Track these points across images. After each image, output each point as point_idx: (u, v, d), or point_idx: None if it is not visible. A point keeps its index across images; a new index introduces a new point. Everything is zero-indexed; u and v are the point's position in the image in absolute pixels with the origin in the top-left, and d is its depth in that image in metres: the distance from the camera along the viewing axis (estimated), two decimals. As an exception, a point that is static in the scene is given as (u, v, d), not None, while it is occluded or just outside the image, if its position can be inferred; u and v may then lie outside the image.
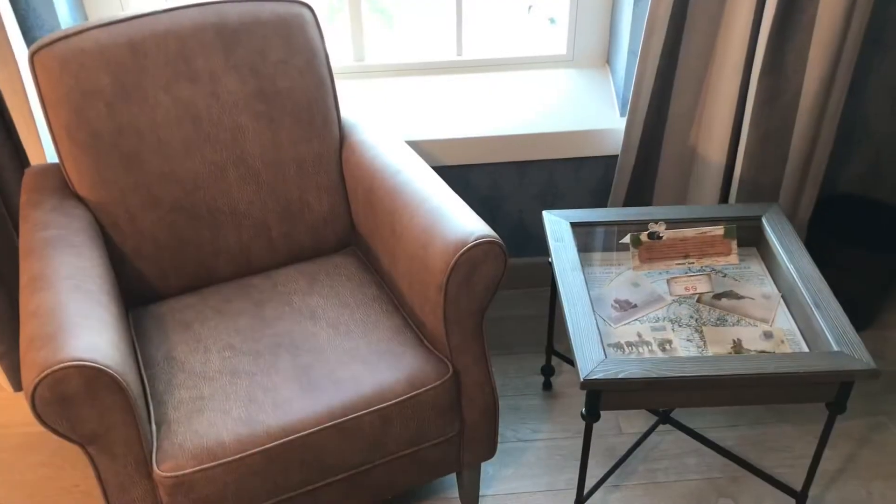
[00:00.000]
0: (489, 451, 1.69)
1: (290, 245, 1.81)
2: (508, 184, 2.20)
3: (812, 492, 1.82)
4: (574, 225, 1.80)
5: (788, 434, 1.95)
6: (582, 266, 1.77)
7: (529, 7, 2.32)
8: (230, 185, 1.72)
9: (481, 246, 1.47)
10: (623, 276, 1.75)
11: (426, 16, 2.36)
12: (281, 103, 1.72)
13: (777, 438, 1.94)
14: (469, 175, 2.16)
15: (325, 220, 1.83)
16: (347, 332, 1.61)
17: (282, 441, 1.41)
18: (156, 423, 1.43)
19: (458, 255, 1.46)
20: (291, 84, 1.73)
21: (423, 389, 1.50)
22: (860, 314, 2.21)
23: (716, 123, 1.95)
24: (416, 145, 2.04)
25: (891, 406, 2.01)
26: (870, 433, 1.95)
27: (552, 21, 2.31)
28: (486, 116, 2.11)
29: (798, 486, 1.81)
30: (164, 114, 1.64)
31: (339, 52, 2.22)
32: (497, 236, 1.49)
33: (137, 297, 1.73)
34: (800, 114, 1.89)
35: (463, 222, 1.51)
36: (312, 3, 2.10)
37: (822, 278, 1.62)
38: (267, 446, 1.40)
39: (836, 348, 1.47)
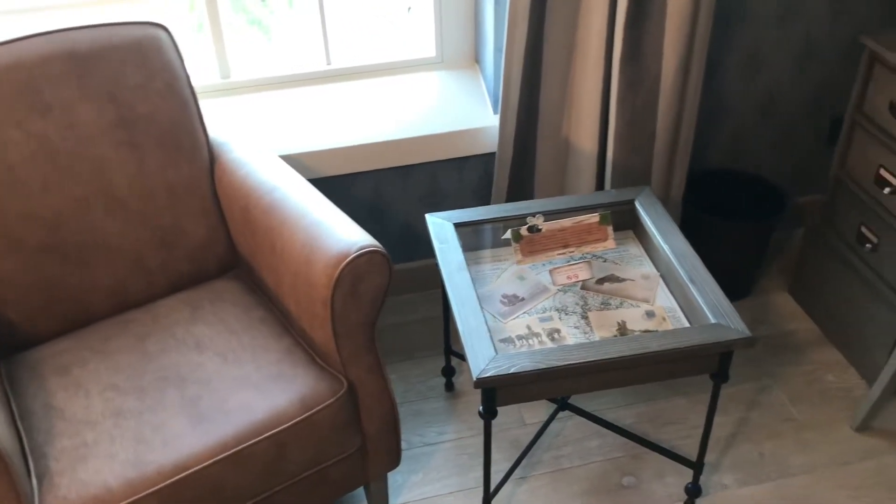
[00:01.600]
0: (394, 461, 1.68)
1: (169, 274, 1.75)
2: (392, 189, 2.19)
3: (708, 459, 1.89)
4: (458, 225, 1.81)
5: (682, 406, 2.02)
6: (469, 265, 1.79)
7: (409, 8, 2.32)
8: (97, 220, 1.64)
9: (364, 256, 1.46)
10: (509, 272, 1.77)
11: (303, 26, 2.32)
12: (143, 129, 1.66)
13: (672, 412, 2.00)
14: (351, 184, 2.15)
15: (204, 244, 1.77)
16: (236, 359, 1.56)
17: (175, 479, 1.36)
18: (37, 478, 1.35)
19: (340, 267, 1.44)
20: (153, 108, 1.67)
21: (318, 409, 1.48)
22: (741, 283, 2.31)
23: (584, 113, 2.00)
24: (291, 159, 2.01)
25: (775, 368, 2.11)
26: (757, 396, 2.04)
27: (408, 10, 2.31)
28: (361, 124, 2.09)
29: (695, 456, 1.88)
30: (17, 151, 1.56)
31: (205, 69, 2.16)
32: (379, 245, 1.48)
33: (7, 345, 1.63)
34: (662, 97, 1.96)
35: (344, 234, 1.50)
36: (172, 23, 2.04)
37: (696, 255, 1.69)
38: (159, 486, 1.35)
39: (713, 321, 1.53)
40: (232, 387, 1.50)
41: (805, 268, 2.26)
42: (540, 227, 1.72)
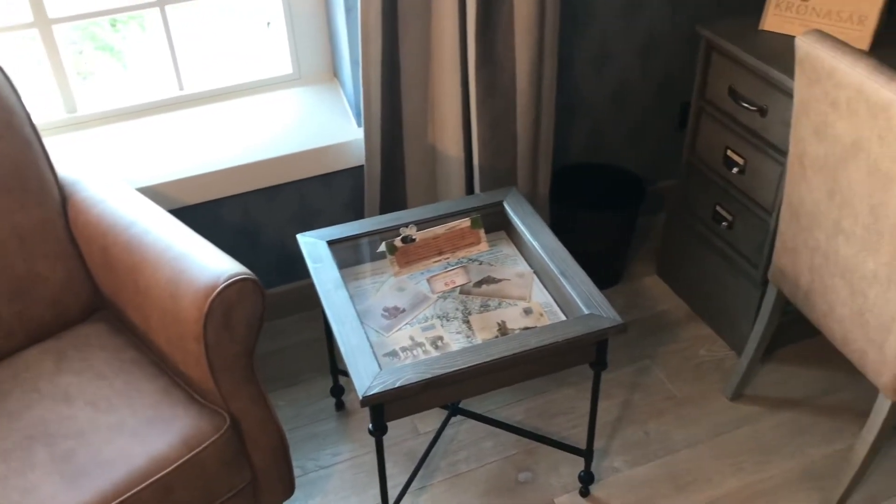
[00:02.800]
0: (288, 490, 1.64)
1: (28, 325, 1.65)
2: (261, 212, 2.14)
3: (597, 445, 1.95)
4: (331, 243, 1.79)
5: (570, 396, 2.07)
6: (347, 281, 1.77)
7: (268, 23, 2.26)
8: (-62, 275, 1.53)
9: (234, 286, 1.42)
10: (388, 284, 1.76)
11: (157, 50, 2.23)
12: (-18, 174, 1.56)
13: (560, 403, 2.05)
14: (217, 211, 2.08)
15: (64, 289, 1.68)
16: (109, 406, 1.49)
17: (51, 543, 1.28)
18: None
19: (210, 299, 1.39)
20: (-10, 151, 1.57)
21: (202, 448, 1.42)
22: (612, 270, 2.40)
23: (447, 119, 2.02)
24: (150, 191, 1.93)
25: (651, 349, 2.20)
26: (638, 378, 2.12)
27: (268, 24, 2.27)
28: (222, 148, 2.04)
29: (585, 444, 1.93)
30: None
31: (49, 104, 2.05)
32: (249, 272, 1.44)
33: None
34: (519, 98, 2.01)
35: (211, 264, 1.45)
36: (7, 58, 1.92)
37: (565, 250, 1.73)
38: (35, 553, 1.26)
39: (586, 312, 1.58)
40: (107, 436, 1.42)
41: (669, 250, 2.37)
42: (414, 237, 1.72)
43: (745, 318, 2.10)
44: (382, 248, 1.71)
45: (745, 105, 1.90)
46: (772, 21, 1.92)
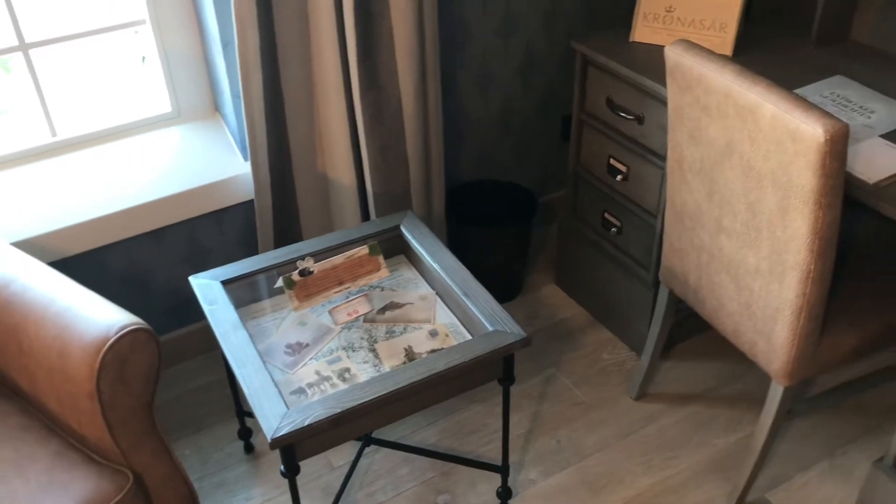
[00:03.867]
0: (201, 543, 1.58)
1: None
2: (149, 256, 2.06)
3: (512, 459, 1.96)
4: (226, 282, 1.74)
5: (481, 413, 2.08)
6: (246, 321, 1.72)
7: (143, 58, 2.19)
8: None
9: (126, 337, 1.36)
10: (289, 320, 1.73)
11: (27, 95, 2.11)
12: None
13: (473, 420, 2.06)
14: (102, 259, 1.99)
15: (-63, 357, 1.56)
16: (-3, 477, 1.39)
17: None
18: None
19: (101, 354, 1.33)
20: None
21: (104, 510, 1.35)
22: (512, 284, 2.43)
23: (335, 147, 2.01)
24: (27, 244, 1.83)
25: (556, 357, 2.24)
26: (545, 387, 2.15)
27: (143, 59, 2.20)
28: (102, 193, 1.95)
29: (500, 460, 1.94)
30: None
31: None
32: (141, 322, 1.38)
33: None
34: (407, 122, 2.01)
35: (99, 317, 1.38)
36: None
37: (465, 268, 1.74)
38: None
39: (490, 329, 1.59)
40: (-3, 511, 1.33)
41: (564, 259, 2.42)
42: (311, 270, 1.70)
43: (641, 320, 2.17)
44: (280, 283, 1.68)
45: (623, 115, 1.97)
46: (641, 33, 2.00)
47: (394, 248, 1.89)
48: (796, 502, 1.85)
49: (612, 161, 2.08)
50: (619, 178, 2.07)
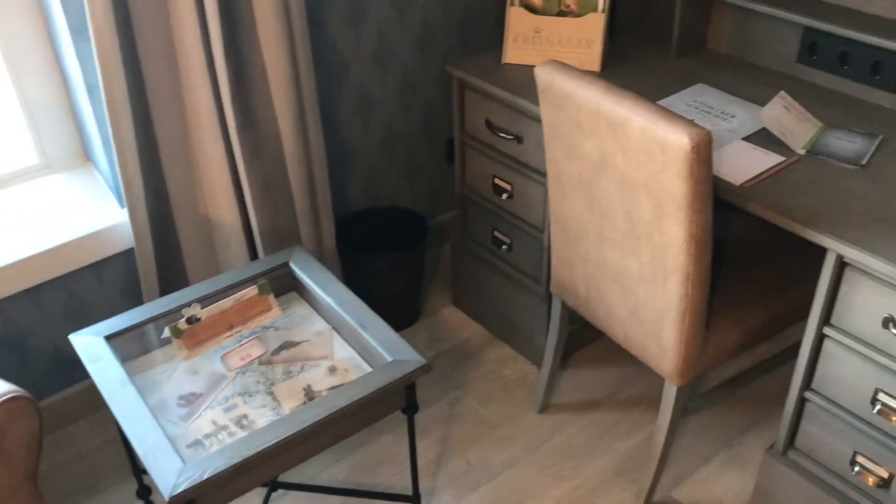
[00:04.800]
0: None
1: None
2: (26, 316, 1.95)
3: (424, 486, 1.95)
4: (110, 337, 1.66)
5: (389, 443, 2.06)
6: (134, 375, 1.65)
7: None
8: None
9: (2, 407, 1.27)
10: (179, 370, 1.66)
11: None
12: None
13: (381, 452, 2.04)
14: (-27, 324, 1.88)
15: None
16: None
17: None
18: None
19: (-25, 429, 1.24)
20: None
21: None
22: (411, 309, 2.43)
23: (216, 187, 1.96)
24: None
25: (460, 378, 2.25)
26: (452, 409, 2.15)
27: None
28: (-33, 255, 1.84)
29: (411, 489, 1.92)
30: None
31: None
32: (18, 389, 1.31)
33: None
34: (288, 156, 1.99)
35: (-30, 389, 1.29)
36: None
37: (359, 300, 1.73)
38: None
39: (390, 359, 1.58)
40: None
41: (459, 279, 2.44)
42: (199, 316, 1.64)
43: (538, 333, 2.20)
44: (167, 333, 1.62)
45: (503, 135, 2.01)
46: (512, 54, 2.05)
47: (285, 285, 1.86)
48: (700, 496, 1.91)
49: (496, 180, 2.12)
50: (504, 196, 2.10)
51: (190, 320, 1.63)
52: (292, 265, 1.84)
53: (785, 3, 1.88)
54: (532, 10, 2.01)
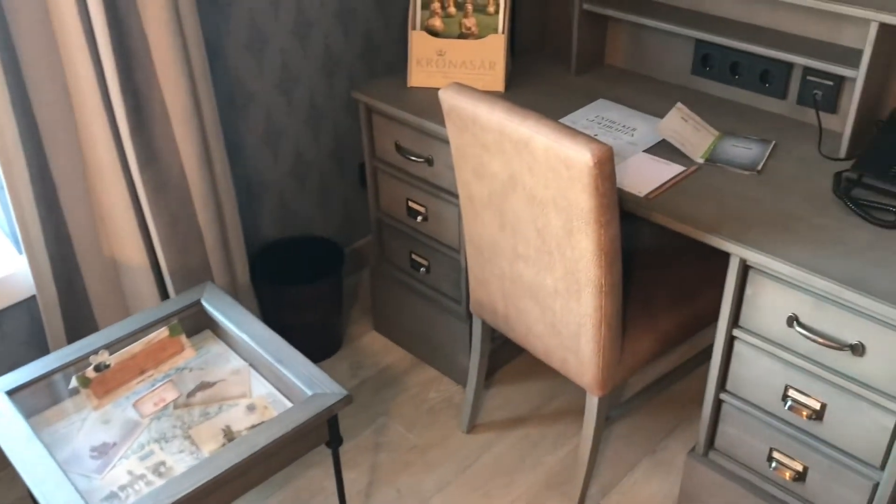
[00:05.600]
0: None
1: None
2: (-81, 375, 1.84)
3: (355, 518, 1.92)
4: (12, 391, 1.58)
5: (317, 477, 2.02)
6: (41, 430, 1.58)
7: None
8: None
9: None
10: (90, 421, 1.59)
11: None
12: None
13: (309, 486, 2.00)
14: None
15: None
16: None
17: None
18: None
19: None
20: None
21: None
22: (332, 338, 2.39)
23: (120, 227, 1.90)
24: None
25: (385, 405, 2.23)
26: (379, 437, 2.13)
27: None
28: None
29: (342, 520, 1.89)
30: None
31: None
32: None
33: None
34: (194, 191, 1.94)
35: None
36: None
37: (276, 334, 1.70)
38: None
39: (310, 393, 1.56)
40: None
41: (379, 304, 2.42)
42: (108, 363, 1.58)
43: (461, 353, 2.20)
44: (74, 383, 1.55)
45: (413, 158, 2.01)
46: (417, 77, 2.06)
47: (198, 324, 1.81)
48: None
49: (410, 203, 2.12)
50: (419, 219, 2.10)
51: (98, 368, 1.57)
52: (204, 303, 1.80)
53: (677, 18, 1.95)
54: (434, 33, 2.02)
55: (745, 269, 1.51)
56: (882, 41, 1.62)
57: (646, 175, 1.69)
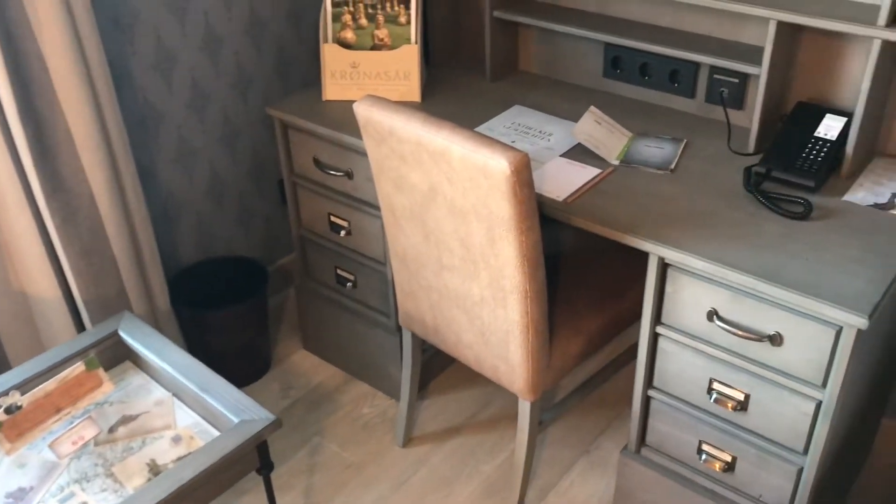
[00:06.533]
0: None
1: None
2: None
3: (293, 543, 1.88)
4: (-83, 441, 1.49)
5: None
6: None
7: None
8: None
9: None
10: (4, 466, 1.52)
11: None
12: None
13: (244, 514, 1.95)
14: None
15: None
16: None
17: None
18: None
19: None
20: None
21: None
22: (260, 360, 2.34)
23: (28, 260, 1.81)
24: None
25: (318, 424, 2.19)
26: (313, 458, 2.09)
27: None
28: None
29: (280, 546, 1.85)
30: None
31: None
32: None
33: None
34: (104, 218, 1.87)
35: None
36: None
37: (198, 361, 1.65)
38: None
39: (236, 420, 1.51)
40: None
41: (307, 322, 2.38)
42: (20, 404, 1.51)
43: (393, 366, 2.18)
44: (-15, 427, 1.48)
45: (332, 172, 1.99)
46: (332, 91, 2.03)
47: (117, 355, 1.74)
48: (567, 504, 1.95)
49: (332, 218, 2.09)
50: (342, 233, 2.07)
51: (9, 410, 1.49)
52: (122, 333, 1.73)
53: (586, 22, 1.98)
54: (346, 45, 2.00)
55: (663, 266, 1.54)
56: (781, 38, 1.68)
57: (564, 179, 1.71)
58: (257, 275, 2.30)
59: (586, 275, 1.90)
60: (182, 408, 1.63)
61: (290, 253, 2.64)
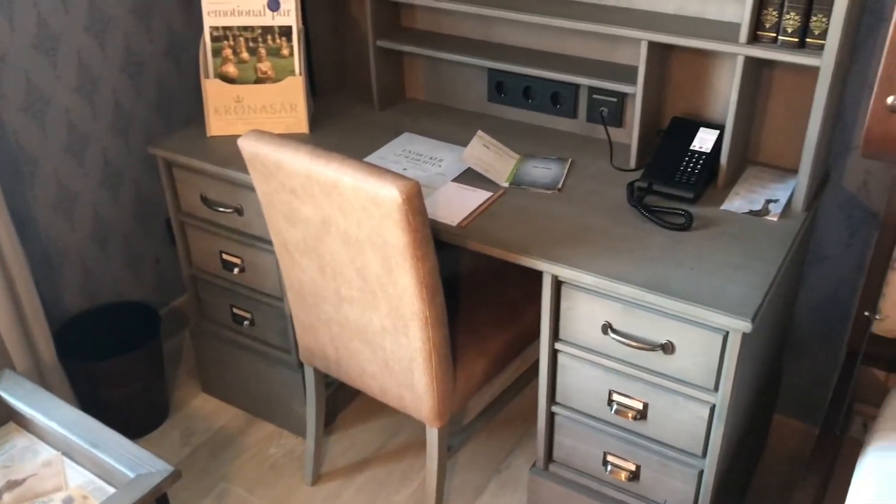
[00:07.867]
0: None
1: None
2: None
3: None
4: None
5: (155, 559, 1.88)
6: None
7: None
8: None
9: None
10: None
11: None
12: None
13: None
14: None
15: None
16: None
17: None
18: None
19: None
20: None
21: None
22: (157, 407, 2.25)
23: None
24: None
25: (223, 469, 2.12)
26: (219, 505, 2.02)
27: None
28: None
29: None
30: None
31: None
32: None
33: None
34: (-21, 272, 1.77)
35: None
36: None
37: (87, 416, 1.57)
38: None
39: (132, 475, 1.45)
40: None
41: (205, 364, 2.31)
42: None
43: (297, 403, 2.14)
44: None
45: (221, 209, 1.94)
46: (216, 126, 1.99)
47: (-2, 417, 1.64)
48: (481, 527, 1.95)
49: (224, 256, 2.04)
50: (236, 270, 2.02)
51: None
52: (3, 393, 1.63)
53: (469, 48, 2.01)
54: (229, 80, 1.97)
55: (558, 284, 1.57)
56: (653, 57, 1.75)
57: (456, 204, 1.72)
58: (149, 319, 2.21)
59: (485, 296, 1.92)
60: (73, 467, 1.55)
61: (183, 294, 2.56)
